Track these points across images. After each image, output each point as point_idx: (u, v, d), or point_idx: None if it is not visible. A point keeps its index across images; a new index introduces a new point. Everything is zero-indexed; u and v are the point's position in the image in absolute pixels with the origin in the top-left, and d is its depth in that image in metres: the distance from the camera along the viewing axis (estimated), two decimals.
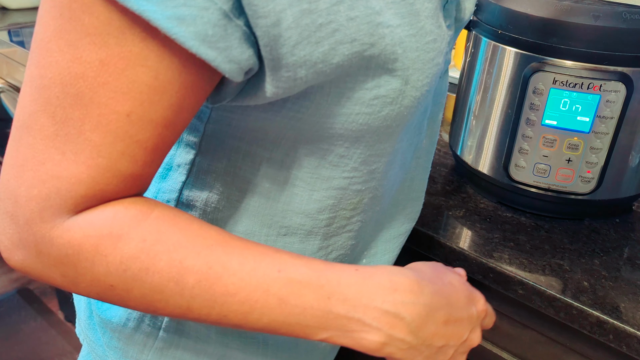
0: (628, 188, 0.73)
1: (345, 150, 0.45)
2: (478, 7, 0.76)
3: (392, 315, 0.41)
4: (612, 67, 0.64)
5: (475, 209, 0.78)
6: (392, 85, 0.41)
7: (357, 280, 0.41)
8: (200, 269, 0.38)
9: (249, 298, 0.39)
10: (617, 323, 0.60)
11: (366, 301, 0.41)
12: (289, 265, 0.40)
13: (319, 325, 0.40)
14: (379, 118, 0.42)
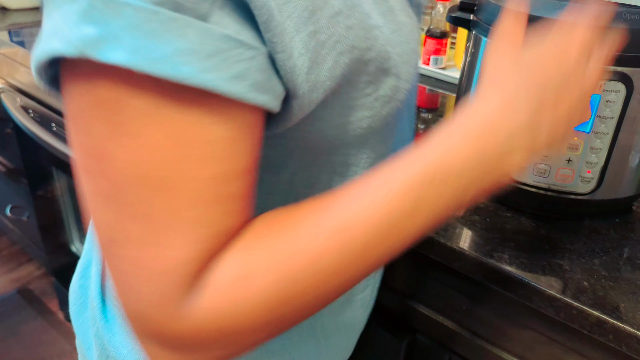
0: (628, 188, 0.73)
1: (352, 157, 0.44)
2: (478, 7, 0.76)
3: (501, 154, 0.37)
4: (612, 67, 0.64)
5: (475, 209, 0.78)
6: (388, 84, 0.41)
7: (465, 153, 0.37)
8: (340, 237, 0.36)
9: (379, 236, 0.36)
10: (617, 323, 0.60)
11: (482, 164, 0.37)
12: (392, 180, 0.36)
13: (460, 197, 0.37)
14: (380, 118, 0.42)
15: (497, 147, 0.37)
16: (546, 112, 0.38)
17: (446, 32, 1.25)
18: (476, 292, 0.74)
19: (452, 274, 0.76)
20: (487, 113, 0.37)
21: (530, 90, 0.38)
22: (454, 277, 0.76)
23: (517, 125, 0.37)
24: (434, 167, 0.36)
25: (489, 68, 0.42)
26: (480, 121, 0.37)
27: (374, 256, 0.36)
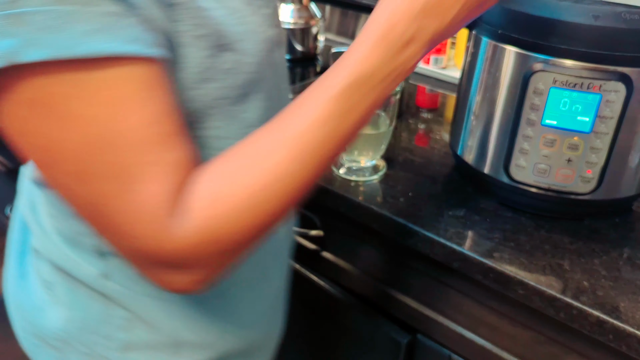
0: (628, 188, 0.73)
1: (221, 130, 0.50)
2: None
3: (404, 42, 0.44)
4: (612, 67, 0.64)
5: (476, 209, 0.78)
6: (230, 58, 0.47)
7: (372, 51, 0.44)
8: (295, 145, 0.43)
9: (325, 136, 0.44)
10: (617, 323, 0.60)
11: (389, 58, 0.44)
12: (328, 89, 0.45)
13: (379, 96, 0.45)
14: (233, 87, 0.49)
15: (400, 39, 0.44)
16: (427, 19, 0.44)
17: None
18: (476, 292, 0.74)
19: (451, 274, 0.76)
20: (387, 15, 0.44)
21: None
22: (454, 276, 0.76)
23: (414, 14, 0.43)
24: (356, 72, 0.44)
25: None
26: (383, 23, 0.44)
27: (326, 155, 0.44)
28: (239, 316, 0.61)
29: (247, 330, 0.63)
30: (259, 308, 0.64)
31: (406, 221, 0.74)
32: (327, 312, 0.95)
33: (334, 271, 0.92)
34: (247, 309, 0.62)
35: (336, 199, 0.81)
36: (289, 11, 1.35)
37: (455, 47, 1.32)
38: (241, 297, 0.61)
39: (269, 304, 0.66)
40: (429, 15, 0.43)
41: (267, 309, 0.66)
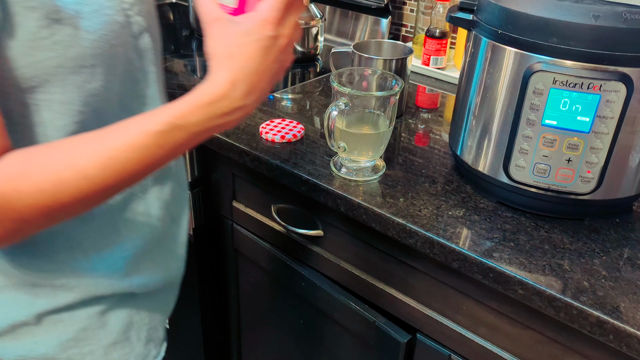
0: (628, 188, 0.73)
1: (60, 95, 0.54)
2: (478, 7, 0.76)
3: (233, 110, 0.54)
4: (612, 67, 0.64)
5: (475, 209, 0.78)
6: (65, 32, 0.52)
7: (197, 111, 0.53)
8: (94, 162, 0.50)
9: (140, 159, 0.52)
10: (617, 323, 0.60)
11: (210, 117, 0.53)
12: (147, 124, 0.52)
13: (193, 141, 0.54)
14: (68, 59, 0.53)
15: (223, 110, 0.53)
16: (253, 81, 0.54)
17: (446, 33, 1.25)
18: (476, 292, 0.74)
19: (451, 274, 0.76)
20: (214, 90, 0.53)
21: (238, 71, 0.53)
22: (453, 276, 0.76)
23: (233, 95, 0.53)
24: (179, 119, 0.52)
25: (214, 52, 0.56)
26: (209, 95, 0.53)
27: (126, 176, 0.52)
28: (92, 263, 0.64)
29: (106, 278, 0.65)
30: (116, 257, 0.66)
31: (406, 221, 0.74)
32: (327, 311, 0.95)
33: (334, 271, 0.92)
34: (99, 257, 0.64)
35: (336, 199, 0.81)
36: None
37: (455, 47, 1.32)
38: (95, 249, 0.64)
39: (129, 259, 0.67)
40: (251, 93, 0.54)
41: (127, 262, 0.67)
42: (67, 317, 0.64)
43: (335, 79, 0.82)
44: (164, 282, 0.74)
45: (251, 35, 0.54)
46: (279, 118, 1.01)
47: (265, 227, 1.01)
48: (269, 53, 0.54)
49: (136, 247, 0.68)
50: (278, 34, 0.54)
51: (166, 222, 0.72)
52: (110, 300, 0.67)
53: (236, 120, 0.55)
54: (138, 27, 0.62)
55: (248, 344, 1.22)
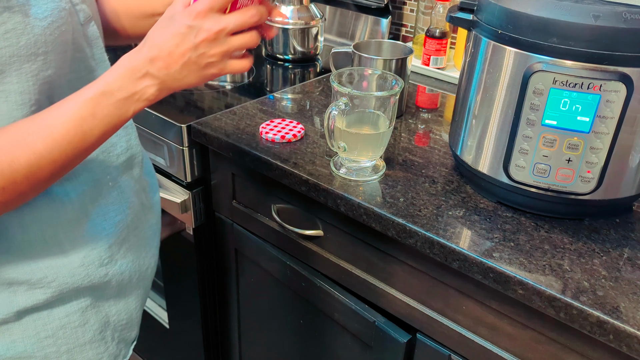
0: (628, 188, 0.73)
1: (16, 85, 0.54)
2: (478, 7, 0.76)
3: (144, 75, 0.57)
4: (612, 67, 0.64)
5: (475, 209, 0.78)
6: (15, 19, 0.53)
7: (115, 74, 0.57)
8: (37, 137, 0.53)
9: (77, 129, 0.55)
10: (617, 323, 0.60)
11: (128, 80, 0.57)
12: (76, 97, 0.55)
13: (122, 110, 0.57)
14: (22, 47, 0.54)
15: (138, 73, 0.57)
16: (167, 61, 0.57)
17: (446, 33, 1.25)
18: (476, 292, 0.74)
19: (451, 274, 0.76)
20: (133, 60, 0.57)
21: (155, 48, 0.57)
22: (453, 276, 0.76)
23: (149, 67, 0.57)
24: (102, 88, 0.56)
25: (150, 31, 0.60)
26: (129, 63, 0.57)
27: (72, 149, 0.55)
28: (66, 254, 0.64)
29: (82, 269, 0.66)
30: (90, 247, 0.67)
31: (406, 221, 0.74)
32: (327, 311, 0.95)
33: (334, 271, 0.92)
34: (74, 248, 0.65)
35: (336, 199, 0.81)
36: (289, 11, 1.35)
37: (455, 47, 1.32)
38: (69, 240, 0.65)
39: (104, 248, 0.68)
40: (155, 63, 0.57)
41: (102, 252, 0.68)
42: (47, 315, 0.65)
43: (335, 79, 0.82)
44: (138, 272, 0.75)
45: (172, 20, 0.58)
46: (279, 118, 1.01)
47: (265, 227, 1.01)
48: (185, 40, 0.57)
49: (110, 236, 0.69)
50: (196, 25, 0.57)
51: (136, 209, 0.73)
52: (88, 298, 0.68)
53: (156, 92, 0.58)
54: (84, 14, 0.64)
55: (248, 344, 1.22)
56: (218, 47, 0.59)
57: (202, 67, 0.59)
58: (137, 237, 0.74)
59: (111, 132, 0.58)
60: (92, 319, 0.69)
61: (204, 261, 1.18)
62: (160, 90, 0.58)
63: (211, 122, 1.01)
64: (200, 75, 0.60)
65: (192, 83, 0.60)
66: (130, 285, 0.74)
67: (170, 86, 0.59)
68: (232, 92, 1.20)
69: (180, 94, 1.16)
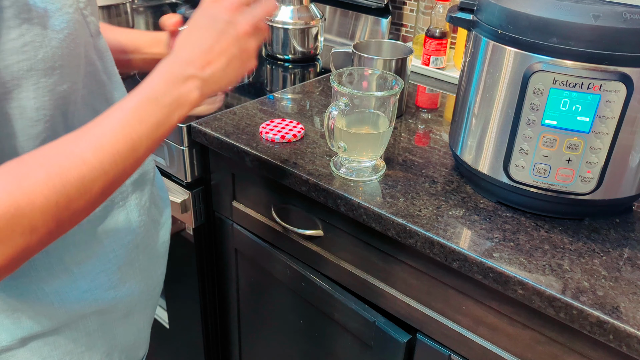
0: (628, 188, 0.73)
1: (33, 101, 0.52)
2: (478, 7, 0.76)
3: (187, 78, 0.56)
4: (612, 67, 0.64)
5: (475, 209, 0.78)
6: (34, 32, 0.50)
7: (159, 79, 0.55)
8: (87, 146, 0.50)
9: (126, 137, 0.52)
10: (617, 323, 0.60)
11: (172, 85, 0.55)
12: (122, 104, 0.54)
13: (168, 115, 0.55)
14: (39, 60, 0.51)
15: (180, 76, 0.56)
16: (208, 58, 0.57)
17: (446, 33, 1.25)
18: (476, 292, 0.74)
19: (451, 274, 0.76)
20: (173, 64, 0.56)
21: (194, 47, 0.57)
22: (453, 276, 0.76)
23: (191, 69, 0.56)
24: (146, 94, 0.54)
25: (184, 30, 0.60)
26: (169, 67, 0.56)
27: (122, 158, 0.52)
28: (74, 279, 0.62)
29: (89, 294, 0.64)
30: (98, 270, 0.65)
31: (406, 221, 0.74)
32: (327, 311, 0.95)
33: (334, 271, 0.92)
34: (81, 272, 0.63)
35: (336, 199, 0.81)
36: (289, 11, 1.35)
37: (455, 47, 1.32)
38: (76, 263, 0.62)
39: (113, 270, 0.66)
40: (206, 67, 0.57)
41: (110, 275, 0.66)
42: (53, 341, 0.62)
43: (335, 79, 0.82)
44: (147, 292, 0.73)
45: (208, 18, 0.58)
46: (279, 118, 1.01)
47: (265, 227, 1.01)
48: (223, 36, 0.57)
49: (118, 257, 0.66)
50: (233, 20, 0.58)
51: (147, 227, 0.71)
52: (95, 322, 0.65)
53: (199, 95, 0.57)
54: (94, 26, 0.62)
55: (248, 344, 1.22)
56: (254, 39, 0.59)
57: (244, 61, 0.59)
58: (147, 256, 0.72)
59: (159, 141, 0.56)
60: (99, 342, 0.67)
61: (204, 261, 1.18)
62: (203, 93, 0.57)
63: (211, 122, 1.01)
64: (241, 71, 0.59)
65: (232, 80, 0.59)
66: (139, 305, 0.72)
67: (212, 87, 0.58)
68: (232, 92, 1.20)
69: None
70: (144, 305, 0.73)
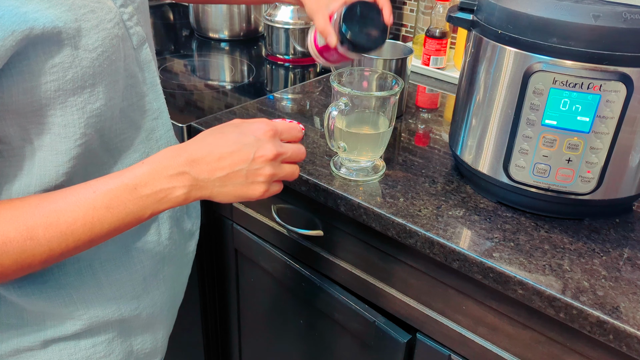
0: (628, 188, 0.73)
1: (60, 118, 0.52)
2: (478, 7, 0.76)
3: (178, 174, 0.54)
4: (612, 67, 0.64)
5: (475, 209, 0.78)
6: (63, 53, 0.50)
7: (146, 168, 0.53)
8: (41, 221, 0.50)
9: (86, 219, 0.51)
10: (617, 323, 0.60)
11: (158, 176, 0.53)
12: (98, 184, 0.52)
13: (141, 208, 0.53)
14: (68, 81, 0.51)
15: (169, 171, 0.54)
16: (198, 170, 0.54)
17: (446, 33, 1.25)
18: (476, 291, 0.74)
19: (451, 274, 0.76)
20: (170, 158, 0.54)
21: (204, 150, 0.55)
22: (453, 276, 0.76)
23: (192, 170, 0.54)
24: (128, 178, 0.53)
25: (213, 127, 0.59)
26: (164, 161, 0.54)
27: (74, 240, 0.51)
28: (100, 286, 0.63)
29: (113, 302, 0.64)
30: (125, 280, 0.65)
31: (406, 221, 0.74)
32: (327, 311, 0.95)
33: (334, 271, 0.92)
34: (108, 280, 0.63)
35: (336, 199, 0.81)
36: (288, 11, 1.35)
37: (454, 47, 1.32)
38: (104, 271, 0.63)
39: (138, 281, 0.67)
40: (196, 165, 0.54)
41: (135, 285, 0.66)
42: (73, 345, 0.63)
43: (335, 79, 0.82)
44: (169, 303, 0.73)
45: (238, 128, 0.57)
46: (279, 118, 1.01)
47: (265, 227, 1.01)
48: (244, 150, 0.55)
49: (145, 269, 0.66)
50: (263, 140, 0.56)
51: (176, 239, 0.71)
52: (116, 329, 0.66)
53: (184, 196, 0.54)
54: (138, 38, 0.61)
55: (248, 344, 1.22)
56: (272, 168, 0.57)
57: (248, 183, 0.56)
58: (172, 267, 0.71)
59: (123, 229, 0.54)
60: (117, 349, 0.67)
61: (203, 261, 1.18)
62: (189, 195, 0.55)
63: (211, 122, 1.01)
64: (240, 190, 0.57)
65: (226, 196, 0.57)
66: (161, 316, 0.72)
67: (202, 193, 0.55)
68: (232, 92, 1.20)
69: (180, 93, 1.16)
70: (165, 316, 0.73)
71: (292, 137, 0.61)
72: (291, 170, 0.60)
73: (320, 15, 0.78)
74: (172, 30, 1.67)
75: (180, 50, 1.49)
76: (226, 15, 1.51)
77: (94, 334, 0.64)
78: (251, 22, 1.55)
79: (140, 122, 0.63)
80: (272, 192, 0.59)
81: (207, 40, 1.55)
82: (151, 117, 0.65)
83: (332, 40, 0.76)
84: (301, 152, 0.61)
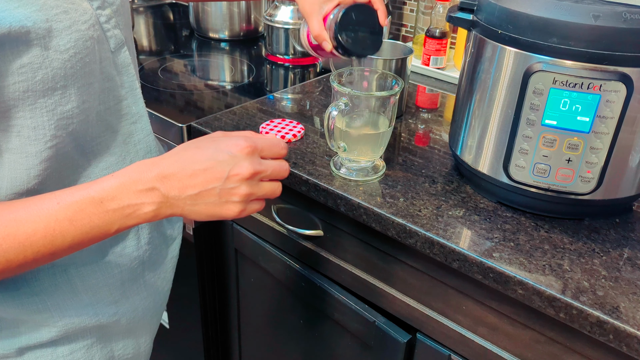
0: (628, 188, 0.73)
1: (29, 120, 0.51)
2: (478, 7, 0.76)
3: (148, 189, 0.52)
4: (612, 67, 0.64)
5: (475, 209, 0.78)
6: (32, 53, 0.48)
7: (115, 182, 0.52)
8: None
9: (46, 231, 0.49)
10: (617, 323, 0.60)
11: (127, 191, 0.52)
12: (63, 195, 0.51)
13: (107, 223, 0.51)
14: (37, 82, 0.49)
15: (139, 186, 0.52)
16: (169, 186, 0.52)
17: (446, 33, 1.25)
18: (476, 291, 0.74)
19: (451, 274, 0.76)
20: (142, 173, 0.52)
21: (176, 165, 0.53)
22: (453, 276, 0.76)
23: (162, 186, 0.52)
24: (94, 191, 0.51)
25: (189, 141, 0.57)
26: (135, 176, 0.52)
27: (33, 252, 0.50)
28: (75, 292, 0.61)
29: (90, 308, 0.63)
30: (101, 284, 0.64)
31: (406, 221, 0.74)
32: (327, 311, 0.95)
33: (334, 271, 0.92)
34: (84, 285, 0.62)
35: (336, 199, 0.81)
36: (288, 11, 1.35)
37: (454, 47, 1.32)
38: (80, 277, 0.62)
39: (116, 286, 0.65)
40: (167, 182, 0.52)
41: (113, 290, 0.65)
42: (50, 352, 0.62)
43: (335, 79, 0.82)
44: (151, 309, 0.71)
45: (216, 144, 0.54)
46: (279, 118, 1.01)
47: (265, 227, 1.01)
48: (218, 167, 0.53)
49: (123, 273, 0.65)
50: (239, 157, 0.54)
51: (156, 243, 0.70)
52: (95, 335, 0.64)
53: (153, 213, 0.52)
54: (116, 41, 0.60)
55: (248, 344, 1.22)
56: (248, 187, 0.54)
57: (222, 202, 0.54)
58: (154, 272, 0.70)
59: (87, 244, 0.52)
60: (97, 355, 0.65)
61: (203, 261, 1.18)
62: (158, 212, 0.53)
63: (211, 122, 1.01)
64: (213, 209, 0.54)
65: (199, 215, 0.54)
66: (143, 321, 0.71)
67: (173, 211, 0.53)
68: (232, 92, 1.20)
69: (180, 94, 1.16)
70: (148, 321, 0.72)
71: (273, 154, 0.57)
72: (271, 189, 0.57)
73: (315, 19, 0.78)
74: (172, 30, 1.67)
75: (180, 50, 1.49)
76: (226, 15, 1.51)
77: (72, 340, 0.63)
78: (251, 22, 1.55)
79: (118, 126, 0.62)
80: (250, 211, 0.56)
81: (207, 40, 1.55)
82: (129, 121, 0.63)
83: (327, 47, 0.76)
84: (283, 170, 0.57)
